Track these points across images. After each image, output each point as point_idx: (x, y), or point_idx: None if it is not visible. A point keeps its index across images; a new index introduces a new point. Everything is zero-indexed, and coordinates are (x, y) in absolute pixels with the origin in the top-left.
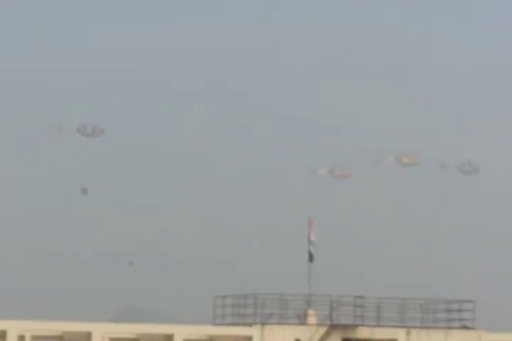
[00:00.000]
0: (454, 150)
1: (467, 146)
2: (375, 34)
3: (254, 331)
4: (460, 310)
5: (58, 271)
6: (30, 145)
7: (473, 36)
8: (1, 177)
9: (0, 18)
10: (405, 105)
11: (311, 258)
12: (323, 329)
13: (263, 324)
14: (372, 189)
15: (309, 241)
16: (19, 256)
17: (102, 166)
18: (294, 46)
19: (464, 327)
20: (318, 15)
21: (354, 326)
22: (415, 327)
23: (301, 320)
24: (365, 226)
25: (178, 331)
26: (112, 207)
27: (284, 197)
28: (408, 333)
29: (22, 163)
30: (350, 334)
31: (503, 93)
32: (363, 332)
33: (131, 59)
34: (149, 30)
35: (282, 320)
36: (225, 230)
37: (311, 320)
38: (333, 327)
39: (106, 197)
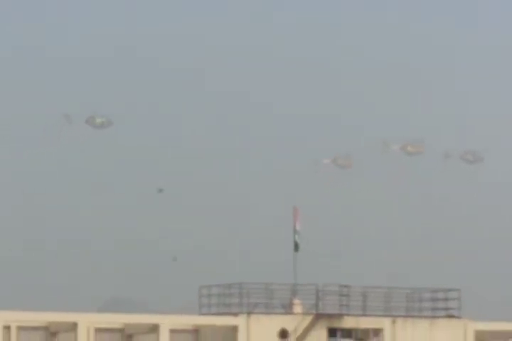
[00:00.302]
0: (457, 140)
1: (470, 136)
2: (375, 34)
3: (239, 320)
4: (446, 299)
5: (44, 262)
6: (36, 139)
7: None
8: (7, 170)
9: None
10: (406, 104)
11: (296, 247)
12: (308, 319)
13: (249, 313)
14: (371, 178)
15: (295, 231)
16: (4, 247)
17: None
18: (294, 46)
19: (450, 316)
20: (318, 15)
21: (340, 315)
22: (401, 316)
23: (287, 309)
24: (358, 215)
25: (164, 321)
26: (104, 198)
27: (273, 185)
28: (394, 322)
29: (27, 156)
30: (336, 324)
31: (504, 93)
32: (348, 322)
33: (131, 58)
34: (149, 30)
35: (268, 310)
36: (211, 220)
37: (297, 309)
38: (319, 317)
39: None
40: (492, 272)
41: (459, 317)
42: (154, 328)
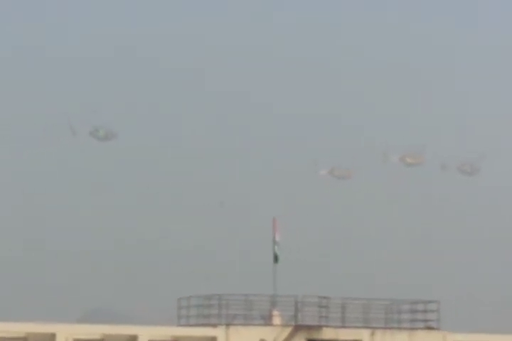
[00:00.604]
0: (455, 151)
1: (468, 147)
2: (375, 34)
3: (218, 332)
4: (424, 311)
5: (24, 272)
6: (36, 139)
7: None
8: (11, 177)
9: None
10: (406, 104)
11: (275, 258)
12: (287, 330)
13: (228, 325)
14: (368, 188)
15: (274, 242)
16: None
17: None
18: (294, 46)
19: (429, 328)
20: (318, 15)
21: (319, 327)
22: (380, 328)
23: (266, 320)
24: (344, 225)
25: (143, 332)
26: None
27: (255, 195)
28: (372, 334)
29: (31, 163)
30: (315, 335)
31: (504, 93)
32: (327, 333)
33: (131, 58)
34: (149, 30)
35: (247, 321)
36: (191, 229)
37: (276, 320)
38: (298, 328)
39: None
40: (471, 284)
41: (437, 329)
42: (133, 339)
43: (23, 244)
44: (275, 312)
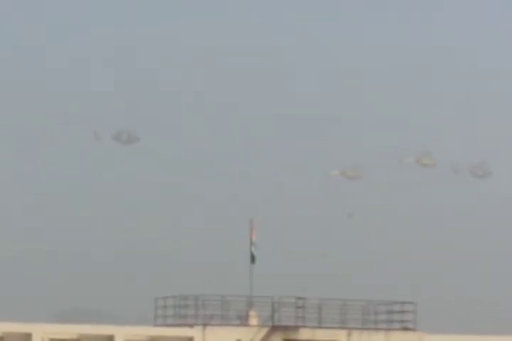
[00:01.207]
0: (467, 154)
1: (480, 149)
2: (376, 34)
3: (195, 332)
4: (401, 312)
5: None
6: (36, 139)
7: None
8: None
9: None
10: (416, 105)
11: (252, 259)
12: (264, 331)
13: (204, 325)
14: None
15: (251, 242)
16: None
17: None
18: (296, 46)
19: (405, 329)
20: (318, 15)
21: (295, 327)
22: (356, 329)
23: (243, 321)
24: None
25: (119, 332)
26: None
27: (231, 195)
28: (349, 334)
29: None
30: (292, 336)
31: None
32: (304, 334)
33: (131, 58)
34: (149, 30)
35: (224, 321)
36: (167, 229)
37: (253, 321)
38: (275, 329)
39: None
40: (447, 285)
41: (414, 330)
42: (109, 339)
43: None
44: (252, 313)
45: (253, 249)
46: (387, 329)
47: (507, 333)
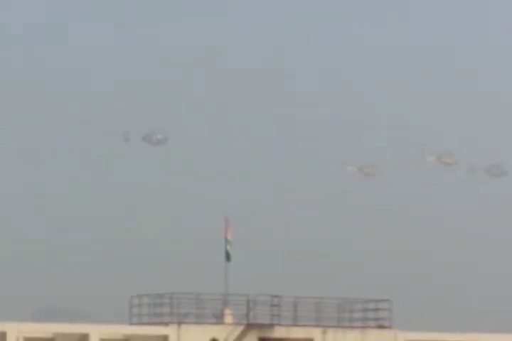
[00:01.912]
0: (483, 153)
1: (496, 149)
2: (378, 36)
3: (170, 330)
4: (376, 310)
5: None
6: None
7: None
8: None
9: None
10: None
11: (227, 257)
12: (239, 329)
13: (179, 323)
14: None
15: (226, 240)
16: None
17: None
18: (301, 46)
19: (380, 327)
20: (319, 15)
21: (271, 325)
22: (331, 327)
23: (218, 319)
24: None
25: (94, 330)
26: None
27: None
28: (324, 332)
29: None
30: (267, 334)
31: None
32: (279, 332)
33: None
34: (149, 30)
35: (199, 320)
36: (142, 229)
37: (228, 319)
38: (250, 327)
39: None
40: (422, 282)
41: (389, 328)
42: (84, 338)
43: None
44: (227, 311)
45: (228, 247)
46: (363, 327)
47: (481, 330)
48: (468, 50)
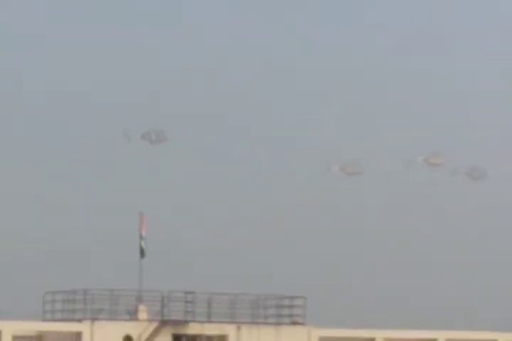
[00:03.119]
0: (462, 156)
1: (476, 152)
2: (377, 35)
3: (83, 327)
4: (291, 306)
5: None
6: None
7: None
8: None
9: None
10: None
11: (142, 253)
12: (153, 325)
13: (93, 319)
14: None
15: (141, 237)
16: None
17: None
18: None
19: (294, 323)
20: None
21: (185, 322)
22: (246, 323)
23: (132, 315)
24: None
25: (7, 327)
26: None
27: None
28: (238, 329)
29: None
30: (181, 330)
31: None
32: (193, 328)
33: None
34: (149, 30)
35: (113, 316)
36: (56, 221)
37: (142, 315)
38: (164, 323)
39: None
40: (336, 280)
41: (303, 324)
42: None
43: None
44: (141, 307)
45: (142, 242)
46: (277, 324)
47: (397, 327)
48: (461, 52)
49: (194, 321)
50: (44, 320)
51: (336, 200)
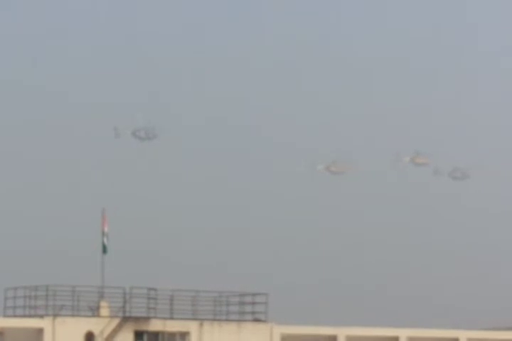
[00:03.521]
0: (446, 156)
1: (460, 152)
2: (377, 34)
3: (45, 323)
4: (253, 303)
5: None
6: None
7: None
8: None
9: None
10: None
11: (104, 249)
12: (115, 321)
13: (55, 316)
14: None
15: (103, 233)
16: None
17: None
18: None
19: (256, 320)
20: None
21: (147, 318)
22: (208, 320)
23: (94, 312)
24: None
25: None
26: None
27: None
28: (201, 325)
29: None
30: (143, 327)
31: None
32: (155, 325)
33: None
34: (150, 32)
35: (74, 312)
36: (19, 218)
37: (104, 312)
38: (126, 319)
39: None
40: (298, 277)
41: (265, 321)
42: None
43: None
44: (103, 304)
45: (105, 239)
46: (239, 321)
47: (357, 324)
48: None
49: (156, 317)
50: (5, 316)
51: (309, 198)
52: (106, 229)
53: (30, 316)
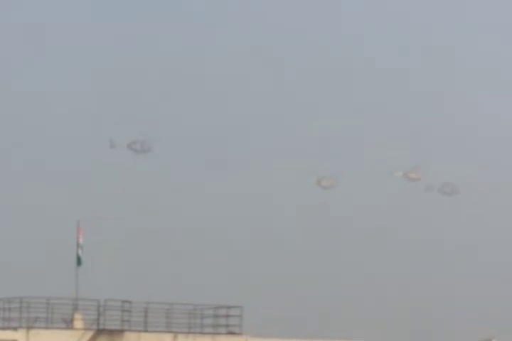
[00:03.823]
0: (436, 172)
1: (449, 167)
2: (377, 35)
3: (19, 335)
4: (227, 316)
5: None
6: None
7: None
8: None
9: None
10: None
11: (79, 261)
12: (89, 334)
13: (29, 328)
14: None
15: (78, 245)
16: None
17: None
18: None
19: (231, 333)
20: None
21: (121, 331)
22: (182, 333)
23: (68, 324)
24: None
25: None
26: None
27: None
28: (175, 338)
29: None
30: (117, 339)
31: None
32: (129, 337)
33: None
34: (150, 33)
35: (48, 324)
36: None
37: (78, 324)
38: (100, 332)
39: None
40: (273, 290)
41: (239, 334)
42: None
43: None
44: (77, 316)
45: (79, 251)
46: (214, 334)
47: (333, 337)
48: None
49: (130, 330)
50: None
51: (289, 211)
52: (81, 241)
53: (3, 328)
